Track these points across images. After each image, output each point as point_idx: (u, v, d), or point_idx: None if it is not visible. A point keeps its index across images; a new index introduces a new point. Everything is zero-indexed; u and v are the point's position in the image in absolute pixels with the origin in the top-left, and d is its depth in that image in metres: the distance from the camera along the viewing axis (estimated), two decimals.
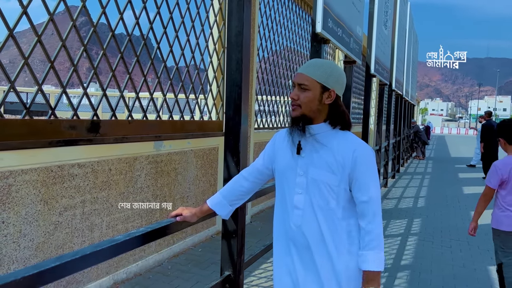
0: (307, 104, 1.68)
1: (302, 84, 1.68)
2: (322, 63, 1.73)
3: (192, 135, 4.30)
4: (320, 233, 1.68)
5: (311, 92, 1.67)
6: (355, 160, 1.64)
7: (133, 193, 3.79)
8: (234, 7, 2.55)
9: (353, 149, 1.65)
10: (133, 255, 3.84)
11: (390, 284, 3.91)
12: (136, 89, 3.68)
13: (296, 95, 1.70)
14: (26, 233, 2.85)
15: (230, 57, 2.58)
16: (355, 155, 1.65)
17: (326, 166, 1.66)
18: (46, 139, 2.64)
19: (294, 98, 1.70)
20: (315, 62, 1.73)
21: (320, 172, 1.67)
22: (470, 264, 4.52)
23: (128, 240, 1.71)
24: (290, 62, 7.45)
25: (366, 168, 1.66)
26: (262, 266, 4.12)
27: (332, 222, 1.68)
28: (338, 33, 4.19)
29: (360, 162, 1.65)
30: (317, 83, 1.67)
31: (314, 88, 1.67)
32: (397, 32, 9.50)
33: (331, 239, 1.67)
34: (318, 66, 1.70)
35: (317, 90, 1.67)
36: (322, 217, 1.68)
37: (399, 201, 7.97)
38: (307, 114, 1.69)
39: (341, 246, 1.68)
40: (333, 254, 1.67)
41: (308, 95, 1.68)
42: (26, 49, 2.61)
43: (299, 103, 1.69)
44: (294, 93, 1.71)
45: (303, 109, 1.69)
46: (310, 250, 1.70)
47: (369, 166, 1.67)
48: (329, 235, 1.67)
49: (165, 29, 3.88)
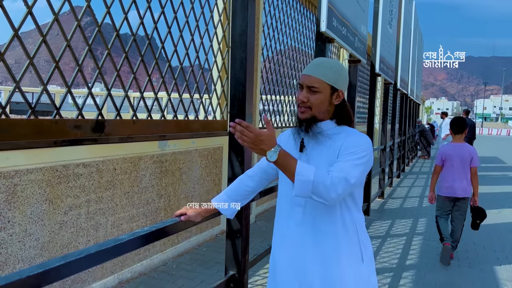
0: (318, 106, 1.66)
1: (312, 87, 1.65)
2: (329, 63, 1.70)
3: (196, 135, 4.30)
4: (320, 229, 1.68)
5: (322, 94, 1.65)
6: (345, 141, 1.62)
7: (138, 192, 3.80)
8: (238, 7, 2.55)
9: (346, 135, 1.65)
10: (138, 254, 3.85)
11: (395, 284, 3.89)
12: (140, 89, 3.69)
13: (306, 97, 1.66)
14: (32, 232, 2.86)
15: (234, 56, 2.58)
16: (347, 138, 1.63)
17: (327, 161, 1.65)
18: (51, 138, 2.64)
19: (304, 100, 1.66)
20: (322, 62, 1.70)
21: (320, 167, 1.66)
22: (476, 263, 4.49)
23: (132, 240, 1.71)
24: (295, 61, 7.43)
25: (354, 147, 1.59)
26: (267, 266, 4.10)
27: (333, 217, 1.67)
28: (342, 32, 4.17)
29: (350, 141, 1.61)
30: (327, 85, 1.65)
31: (325, 89, 1.65)
32: (402, 31, 9.46)
33: (332, 235, 1.66)
34: (326, 66, 1.67)
35: (327, 92, 1.66)
36: (323, 213, 1.67)
37: (404, 200, 7.94)
38: (317, 116, 1.68)
39: (343, 241, 1.66)
40: (334, 249, 1.66)
41: (319, 97, 1.65)
42: (31, 50, 2.62)
43: (309, 105, 1.66)
44: (303, 95, 1.66)
45: (314, 111, 1.67)
46: (311, 247, 1.69)
47: (357, 147, 1.59)
48: (330, 231, 1.66)
49: (170, 28, 3.89)
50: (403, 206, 7.45)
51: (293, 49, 7.25)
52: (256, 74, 5.58)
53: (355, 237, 1.69)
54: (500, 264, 4.49)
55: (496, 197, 8.44)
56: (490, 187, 9.58)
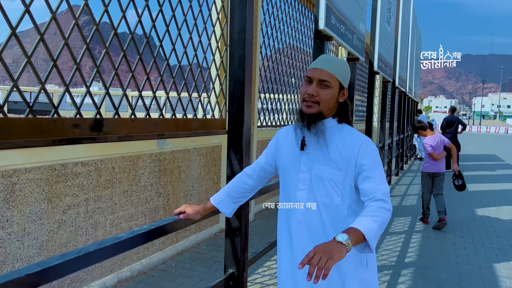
0: (327, 101, 1.63)
1: (325, 81, 1.61)
2: (339, 60, 1.70)
3: (195, 133, 4.29)
4: (324, 229, 1.67)
5: (332, 90, 1.63)
6: (363, 154, 1.61)
7: (137, 191, 3.80)
8: (237, 4, 2.54)
9: (360, 144, 1.63)
10: (137, 253, 3.84)
11: (394, 281, 3.90)
12: (139, 88, 3.68)
13: (316, 91, 1.61)
14: (30, 231, 2.86)
15: (232, 54, 2.57)
16: (362, 149, 1.61)
17: (331, 163, 1.64)
18: (50, 137, 2.63)
19: (313, 94, 1.61)
20: (333, 58, 1.69)
21: (325, 168, 1.65)
22: (474, 261, 4.50)
23: (131, 238, 1.71)
24: (294, 59, 7.43)
25: (375, 162, 1.61)
26: (266, 264, 4.11)
27: (336, 219, 1.65)
28: (341, 30, 4.17)
29: (367, 155, 1.61)
30: (337, 81, 1.64)
31: (335, 85, 1.63)
32: (400, 29, 9.46)
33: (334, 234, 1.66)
34: (337, 62, 1.66)
35: (337, 88, 1.64)
36: (326, 213, 1.65)
37: (403, 198, 7.95)
38: (324, 112, 1.65)
39: None
40: None
41: (330, 93, 1.62)
42: (29, 49, 2.61)
43: (317, 99, 1.62)
44: (313, 88, 1.62)
45: (322, 106, 1.63)
46: (313, 246, 1.69)
47: (377, 160, 1.63)
48: (333, 231, 1.65)
49: (168, 27, 3.88)
50: (401, 204, 7.46)
51: (291, 47, 7.25)
52: (255, 72, 5.58)
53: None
54: (498, 262, 4.50)
55: (494, 194, 8.46)
56: (488, 185, 9.60)
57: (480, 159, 15.98)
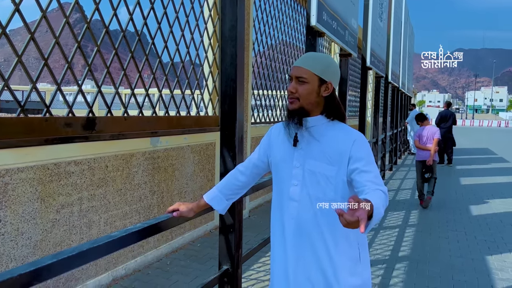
0: (305, 96, 1.68)
1: (300, 77, 1.68)
2: (319, 56, 1.73)
3: (188, 131, 4.27)
4: (317, 224, 1.68)
5: (310, 84, 1.68)
6: (356, 149, 1.63)
7: (130, 189, 3.79)
8: (228, 2, 2.54)
9: (353, 140, 1.65)
10: (132, 251, 3.85)
11: (388, 275, 3.93)
12: (131, 86, 3.67)
13: (294, 88, 1.69)
14: (24, 231, 2.85)
15: (224, 52, 2.57)
16: (356, 144, 1.64)
17: (324, 158, 1.66)
18: (42, 136, 2.62)
19: (292, 91, 1.70)
20: (312, 55, 1.74)
21: (317, 163, 1.67)
22: (467, 254, 4.55)
23: (125, 236, 1.71)
24: (286, 56, 7.43)
25: (369, 157, 1.64)
26: (261, 260, 4.13)
27: (330, 213, 1.67)
28: (333, 26, 4.18)
29: (361, 150, 1.64)
30: (315, 76, 1.68)
31: (312, 80, 1.68)
32: (392, 24, 9.48)
33: (328, 229, 1.67)
34: (315, 59, 1.71)
35: (315, 83, 1.68)
36: (319, 208, 1.67)
37: (397, 193, 8.00)
38: (305, 107, 1.70)
39: (339, 235, 1.67)
40: (330, 244, 1.67)
41: (307, 88, 1.68)
42: (20, 47, 2.59)
43: (297, 96, 1.69)
44: (292, 86, 1.70)
45: (302, 102, 1.69)
46: (306, 241, 1.70)
47: (371, 156, 1.66)
48: (326, 226, 1.67)
49: (160, 24, 3.86)
50: (395, 198, 7.51)
51: (284, 43, 7.25)
52: (248, 69, 5.57)
53: (353, 236, 1.70)
54: (491, 254, 4.56)
55: (486, 188, 8.53)
56: (480, 178, 9.68)
57: (473, 153, 16.11)
